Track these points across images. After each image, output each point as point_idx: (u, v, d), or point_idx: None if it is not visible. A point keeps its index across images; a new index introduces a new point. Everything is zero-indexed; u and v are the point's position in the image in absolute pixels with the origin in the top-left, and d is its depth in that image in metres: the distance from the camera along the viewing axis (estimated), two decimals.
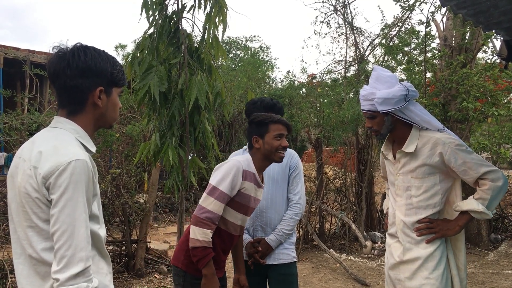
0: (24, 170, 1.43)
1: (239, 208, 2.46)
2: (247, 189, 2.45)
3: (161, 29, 3.38)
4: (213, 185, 2.38)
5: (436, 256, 2.34)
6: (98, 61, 1.52)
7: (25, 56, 10.34)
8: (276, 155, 2.52)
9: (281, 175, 2.91)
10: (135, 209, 5.78)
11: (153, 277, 5.60)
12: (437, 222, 2.37)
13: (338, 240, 7.60)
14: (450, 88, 6.73)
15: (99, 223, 1.54)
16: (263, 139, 2.51)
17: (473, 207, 2.28)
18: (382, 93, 2.36)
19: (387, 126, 2.45)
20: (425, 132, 2.39)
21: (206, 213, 2.32)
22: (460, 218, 2.35)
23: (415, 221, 2.39)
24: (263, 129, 2.52)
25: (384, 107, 2.36)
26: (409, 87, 2.37)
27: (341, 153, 8.44)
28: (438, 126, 2.41)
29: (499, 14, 2.52)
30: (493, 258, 6.66)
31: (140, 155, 3.51)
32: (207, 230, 2.31)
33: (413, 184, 2.40)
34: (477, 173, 2.26)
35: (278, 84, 17.21)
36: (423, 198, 2.38)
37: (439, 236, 2.35)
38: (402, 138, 2.45)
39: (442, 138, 2.33)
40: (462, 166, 2.27)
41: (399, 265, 2.43)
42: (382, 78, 2.42)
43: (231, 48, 21.74)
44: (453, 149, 2.28)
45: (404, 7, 7.14)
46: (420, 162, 2.36)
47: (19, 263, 1.48)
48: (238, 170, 2.39)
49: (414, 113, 2.38)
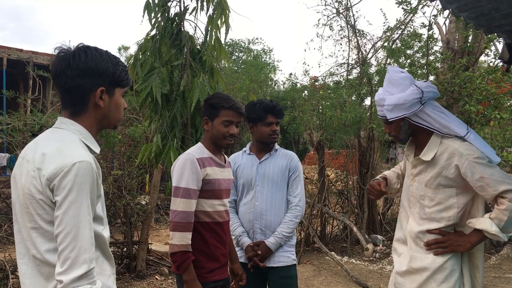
0: (28, 171, 1.43)
1: (212, 195, 2.42)
2: (210, 174, 2.41)
3: (163, 31, 3.39)
4: (175, 186, 2.35)
5: (447, 268, 2.17)
6: (99, 61, 1.52)
7: (28, 57, 10.37)
8: (222, 141, 2.45)
9: (280, 177, 2.91)
10: (136, 210, 5.79)
11: (154, 279, 5.60)
12: (449, 236, 2.19)
13: (340, 242, 7.59)
14: (453, 91, 6.73)
15: (103, 224, 1.54)
16: (212, 122, 2.45)
17: (486, 227, 2.08)
18: (391, 99, 2.20)
19: (405, 131, 2.29)
20: (446, 140, 2.19)
21: (178, 214, 2.31)
22: (473, 235, 2.16)
23: (426, 230, 2.24)
24: (213, 113, 2.44)
25: (395, 114, 2.21)
26: (424, 88, 2.18)
27: (343, 155, 8.44)
28: (458, 132, 2.19)
29: (501, 17, 2.52)
30: (495, 262, 6.64)
31: (142, 156, 3.51)
32: (184, 233, 2.29)
33: (426, 193, 2.24)
34: (495, 191, 2.05)
35: (280, 86, 17.24)
36: (435, 210, 2.21)
37: (449, 251, 2.18)
38: (423, 143, 2.28)
39: (460, 148, 2.13)
40: (479, 181, 2.07)
41: (408, 274, 2.29)
42: (395, 81, 2.25)
43: (234, 50, 21.78)
44: (470, 162, 2.09)
45: (406, 10, 7.13)
46: (436, 172, 2.19)
47: (22, 264, 1.48)
48: (191, 162, 2.35)
49: (432, 118, 2.20)
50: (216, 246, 2.44)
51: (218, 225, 2.45)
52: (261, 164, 2.93)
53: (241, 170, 2.96)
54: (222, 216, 2.48)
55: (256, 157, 2.96)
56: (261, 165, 2.93)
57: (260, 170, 2.90)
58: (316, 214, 7.55)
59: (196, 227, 2.38)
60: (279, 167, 2.91)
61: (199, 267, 2.36)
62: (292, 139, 13.79)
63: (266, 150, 2.97)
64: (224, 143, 2.47)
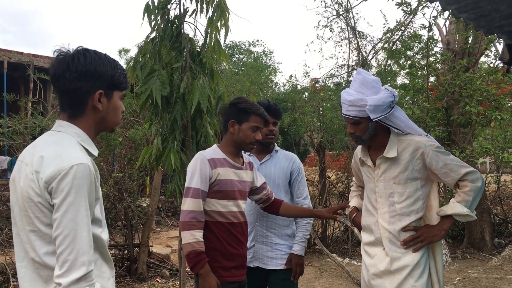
0: (26, 174, 1.43)
1: (224, 196, 2.43)
2: (222, 174, 2.41)
3: (163, 33, 3.39)
4: (186, 186, 2.39)
5: (422, 263, 2.30)
6: (98, 64, 1.52)
7: (29, 60, 10.39)
8: (247, 146, 2.50)
9: (283, 179, 2.91)
10: (137, 213, 5.79)
11: (155, 281, 5.59)
12: (422, 230, 2.31)
13: (341, 244, 7.58)
14: (453, 92, 6.73)
15: (101, 227, 1.53)
16: (240, 126, 2.46)
17: (458, 210, 2.25)
18: (372, 100, 2.29)
19: (369, 132, 2.38)
20: (404, 137, 2.36)
21: (188, 214, 2.33)
22: (444, 221, 2.31)
23: (400, 228, 2.32)
24: (243, 117, 2.46)
25: (375, 115, 2.29)
26: (394, 92, 2.34)
27: (343, 157, 8.43)
28: (421, 132, 2.39)
29: (501, 18, 2.51)
30: (496, 263, 6.62)
31: (142, 159, 3.51)
32: (194, 231, 2.31)
33: (395, 190, 2.34)
34: (458, 175, 2.24)
35: (281, 88, 17.25)
36: (406, 204, 2.32)
37: (426, 243, 2.30)
38: (381, 143, 2.40)
39: (423, 141, 2.30)
40: (443, 168, 2.25)
41: (385, 275, 2.34)
42: (368, 83, 2.35)
43: (235, 52, 21.81)
44: (434, 152, 2.26)
45: (406, 11, 7.15)
46: (402, 167, 2.32)
47: (21, 267, 1.48)
48: (202, 162, 2.38)
49: (399, 119, 2.35)
50: (232, 245, 2.44)
51: (232, 226, 2.45)
52: (262, 165, 2.92)
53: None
54: (236, 217, 2.47)
55: (257, 158, 2.95)
56: (262, 166, 2.92)
57: (261, 172, 2.87)
58: None
59: (210, 226, 2.40)
60: (281, 168, 2.91)
61: (215, 264, 2.37)
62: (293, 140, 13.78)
63: (266, 151, 2.96)
64: (248, 148, 2.52)
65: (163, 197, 10.08)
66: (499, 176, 8.20)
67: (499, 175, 8.20)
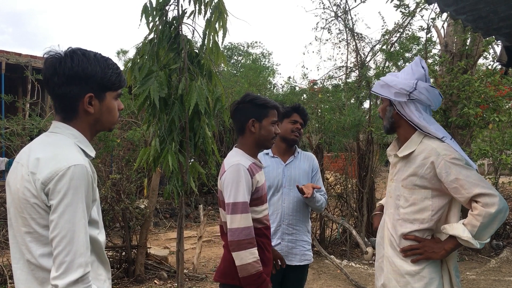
0: (22, 176, 1.43)
1: (260, 201, 2.32)
2: (260, 181, 2.31)
3: (161, 34, 3.39)
4: (232, 202, 2.18)
5: (425, 277, 2.10)
6: (86, 67, 1.47)
7: (27, 61, 10.36)
8: (270, 142, 2.37)
9: (306, 179, 3.03)
10: (135, 214, 5.77)
11: (153, 283, 5.58)
12: (424, 242, 2.11)
13: (339, 246, 7.57)
14: (451, 94, 6.73)
15: (98, 228, 1.53)
16: (261, 123, 2.33)
17: (458, 233, 2.00)
18: (387, 77, 2.18)
19: (387, 118, 2.24)
20: (427, 140, 2.13)
21: (242, 231, 2.14)
22: (448, 242, 2.07)
23: (400, 234, 2.17)
24: (263, 113, 2.32)
25: (380, 91, 2.19)
26: (419, 87, 2.12)
27: (342, 159, 8.43)
28: (436, 133, 2.14)
29: (499, 20, 2.52)
30: (494, 265, 6.62)
31: (140, 160, 3.50)
32: (252, 249, 2.15)
33: (402, 194, 2.17)
34: (469, 194, 1.97)
35: (279, 89, 17.23)
36: (410, 211, 2.14)
37: (424, 258, 2.10)
38: (404, 139, 2.22)
39: (438, 148, 2.07)
40: (453, 182, 2.00)
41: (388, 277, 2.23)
42: (408, 69, 2.20)
43: (233, 54, 21.80)
44: (446, 162, 2.02)
45: (404, 13, 7.15)
46: (412, 171, 2.13)
47: (17, 268, 1.47)
48: (245, 173, 2.21)
49: (413, 114, 2.15)
50: (268, 250, 2.37)
51: (267, 229, 2.39)
52: (287, 167, 3.05)
53: (267, 172, 3.01)
54: (268, 219, 2.41)
55: (281, 160, 3.07)
56: (287, 167, 3.05)
57: (286, 173, 3.02)
58: (315, 218, 7.54)
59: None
60: (303, 170, 3.05)
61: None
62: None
63: (289, 152, 3.09)
64: (271, 144, 2.38)
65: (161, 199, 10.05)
66: (497, 178, 8.21)
67: (497, 177, 8.20)
